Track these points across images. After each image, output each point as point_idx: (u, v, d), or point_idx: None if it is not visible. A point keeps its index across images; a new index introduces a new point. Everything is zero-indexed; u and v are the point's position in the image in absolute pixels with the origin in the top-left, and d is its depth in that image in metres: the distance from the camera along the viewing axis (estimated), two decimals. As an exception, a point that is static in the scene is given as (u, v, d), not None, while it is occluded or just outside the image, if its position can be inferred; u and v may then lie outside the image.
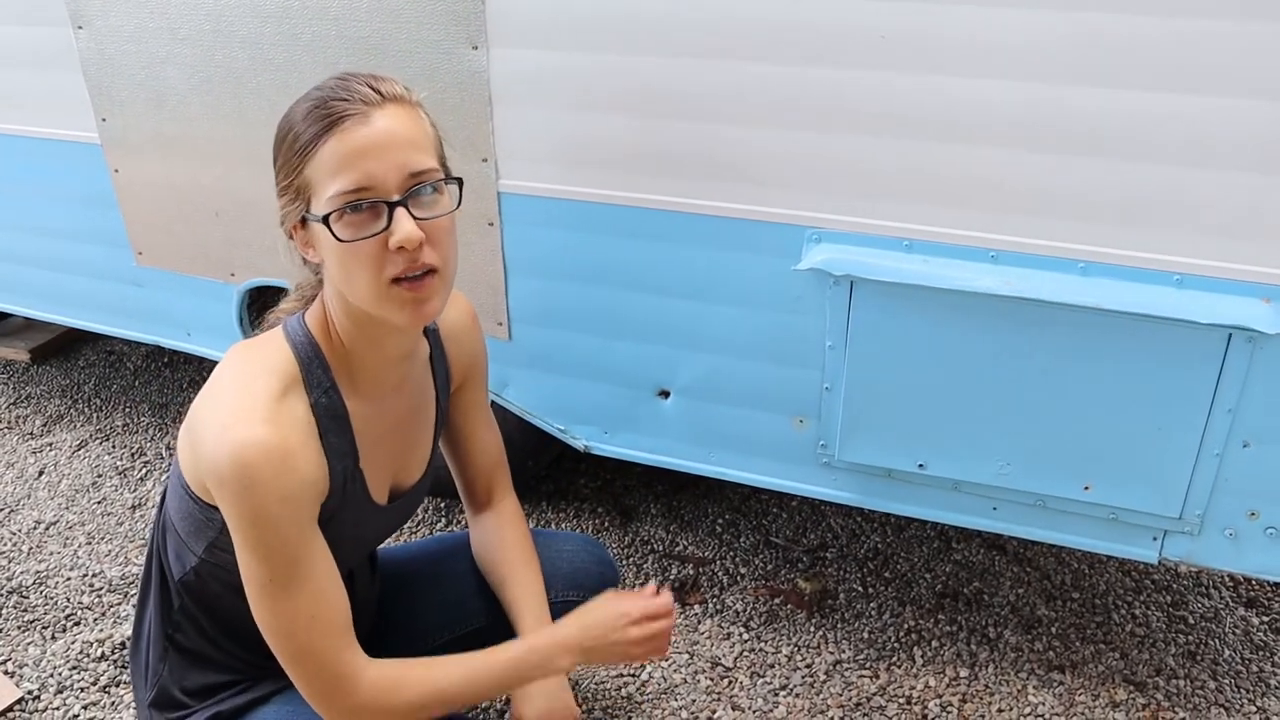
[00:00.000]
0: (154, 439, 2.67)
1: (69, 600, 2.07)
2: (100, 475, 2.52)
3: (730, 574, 2.13)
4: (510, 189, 1.70)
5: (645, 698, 1.80)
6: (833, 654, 1.90)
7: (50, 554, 2.22)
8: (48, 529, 2.31)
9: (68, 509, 2.39)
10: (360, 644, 1.46)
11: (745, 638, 1.94)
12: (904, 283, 1.47)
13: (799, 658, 1.89)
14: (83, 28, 1.96)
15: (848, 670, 1.86)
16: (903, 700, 1.79)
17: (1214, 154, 1.28)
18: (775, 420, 1.70)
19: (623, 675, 1.85)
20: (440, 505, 2.35)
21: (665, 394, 1.78)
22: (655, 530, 2.27)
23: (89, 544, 2.25)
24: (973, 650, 1.91)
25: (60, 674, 1.87)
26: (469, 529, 1.54)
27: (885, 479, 1.67)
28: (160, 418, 2.78)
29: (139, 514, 2.36)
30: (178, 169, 2.01)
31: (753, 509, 2.34)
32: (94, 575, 2.14)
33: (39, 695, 1.83)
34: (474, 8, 1.58)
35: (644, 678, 1.85)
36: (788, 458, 1.73)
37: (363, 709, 1.13)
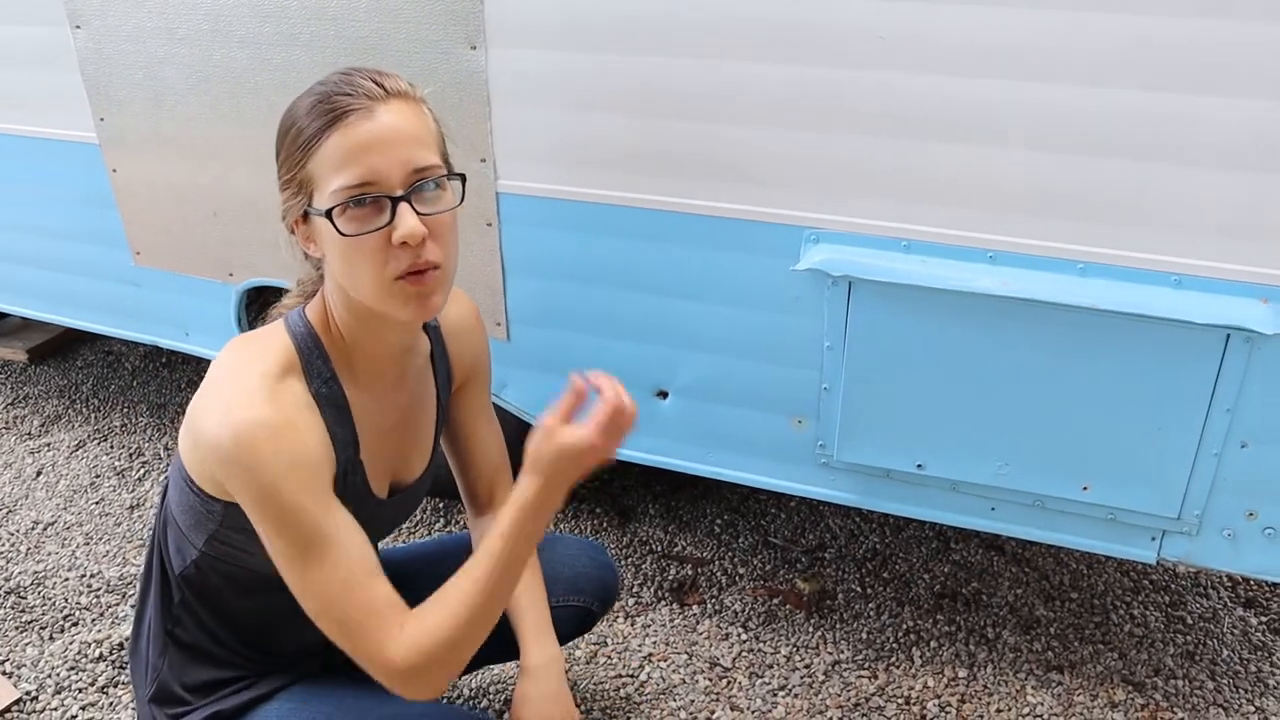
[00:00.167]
0: (152, 439, 2.67)
1: (67, 601, 2.06)
2: (98, 476, 2.51)
3: (729, 574, 2.13)
4: (509, 189, 1.70)
5: (644, 698, 1.80)
6: (831, 654, 1.90)
7: (48, 554, 2.22)
8: (46, 529, 2.31)
9: (66, 509, 2.38)
10: (348, 660, 1.45)
11: (744, 638, 1.94)
12: (902, 283, 1.47)
13: (798, 658, 1.89)
14: (80, 27, 1.96)
15: (846, 671, 1.86)
16: (901, 701, 1.79)
17: (1212, 154, 1.29)
18: (774, 420, 1.70)
19: (621, 676, 1.85)
20: (439, 506, 2.35)
21: (663, 394, 1.77)
22: (653, 530, 2.27)
23: (87, 544, 2.25)
24: (971, 650, 1.91)
25: (58, 675, 1.87)
26: (469, 530, 1.54)
27: (884, 479, 1.67)
28: (158, 418, 2.78)
29: (137, 514, 2.36)
30: (176, 169, 2.01)
31: (751, 509, 2.34)
32: (92, 576, 2.14)
33: (37, 696, 1.82)
34: (472, 7, 1.58)
35: (642, 678, 1.85)
36: (786, 458, 1.73)
37: (411, 671, 1.09)
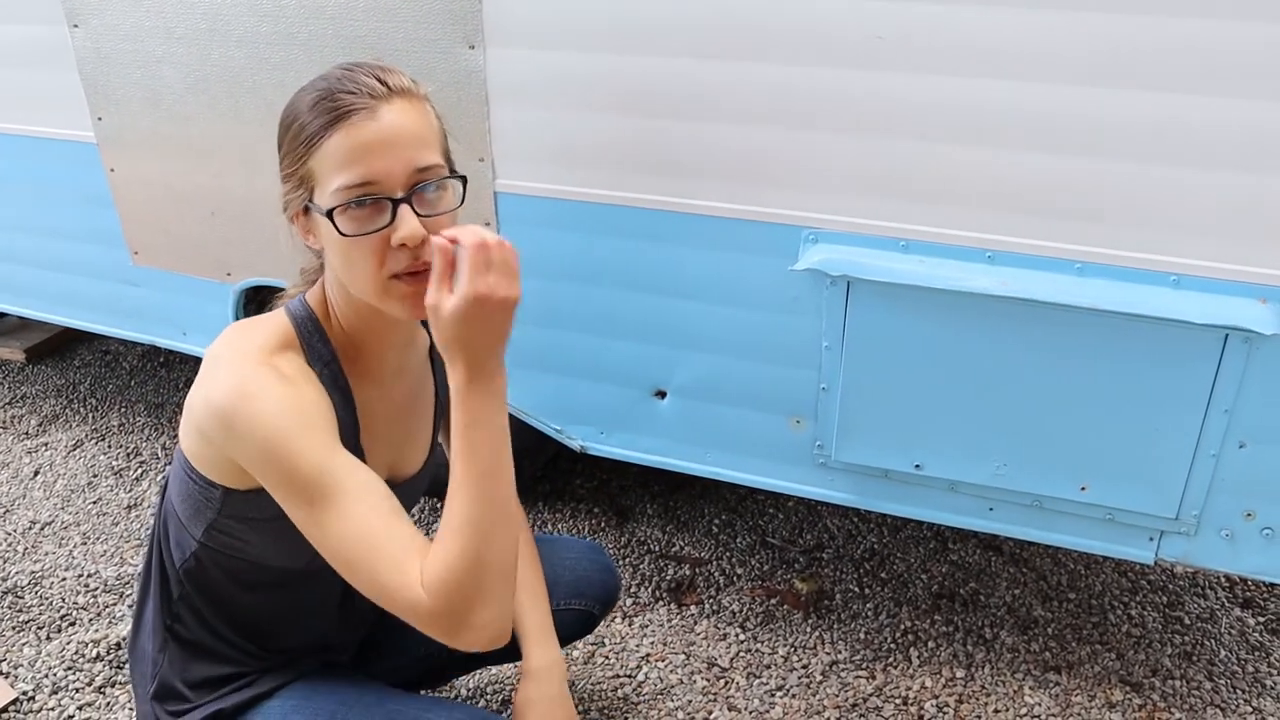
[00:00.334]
0: (150, 439, 2.67)
1: (64, 600, 2.06)
2: (96, 475, 2.51)
3: (727, 574, 2.12)
4: (507, 189, 1.70)
5: (641, 699, 1.80)
6: (829, 655, 1.90)
7: (46, 554, 2.22)
8: (43, 529, 2.31)
9: (63, 509, 2.38)
10: (354, 652, 1.44)
11: (742, 638, 1.94)
12: (900, 283, 1.47)
13: (795, 658, 1.89)
14: (78, 26, 1.96)
15: (844, 671, 1.86)
16: (899, 701, 1.79)
17: (1211, 155, 1.29)
18: (772, 421, 1.70)
19: (619, 677, 1.85)
20: (437, 506, 2.35)
21: (662, 394, 1.77)
22: (651, 531, 2.27)
23: (84, 544, 2.25)
24: (969, 651, 1.91)
25: (55, 674, 1.86)
26: None
27: (882, 479, 1.67)
28: (156, 418, 2.78)
29: (134, 514, 2.35)
30: (174, 168, 2.01)
31: (749, 509, 2.34)
32: (89, 575, 2.14)
33: (34, 696, 1.82)
34: (471, 7, 1.58)
35: (640, 679, 1.85)
36: (784, 458, 1.72)
37: (443, 609, 1.03)
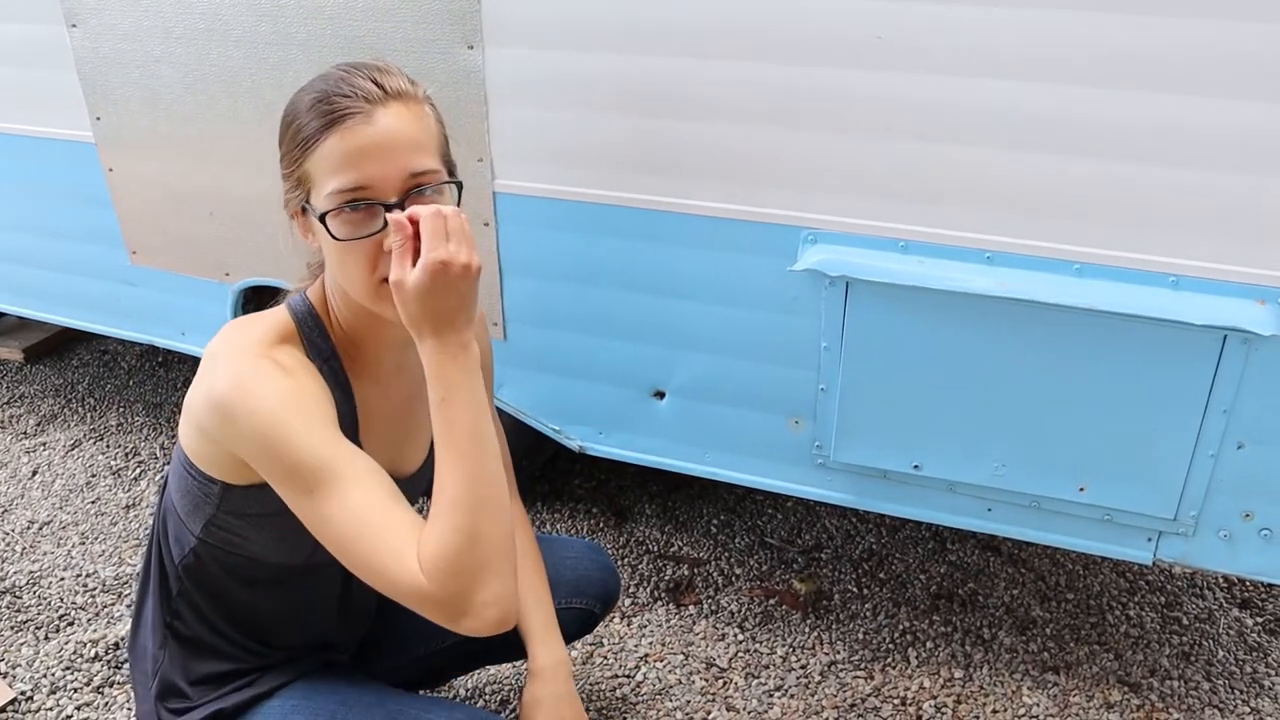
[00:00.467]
0: (148, 439, 2.67)
1: (62, 600, 2.06)
2: (94, 475, 2.51)
3: (725, 575, 2.12)
4: (505, 189, 1.70)
5: (640, 699, 1.80)
6: (827, 655, 1.90)
7: (44, 554, 2.21)
8: (41, 529, 2.30)
9: (61, 509, 2.38)
10: (354, 652, 1.44)
11: (740, 638, 1.94)
12: (899, 284, 1.47)
13: (794, 659, 1.89)
14: (77, 26, 1.96)
15: (842, 671, 1.86)
16: (897, 701, 1.79)
17: (1210, 156, 1.29)
18: (771, 421, 1.70)
19: (618, 677, 1.85)
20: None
21: (660, 394, 1.77)
22: (650, 531, 2.27)
23: (83, 544, 2.25)
24: (967, 651, 1.91)
25: (53, 674, 1.86)
26: None
27: (880, 480, 1.67)
28: (154, 417, 2.78)
29: (133, 514, 2.35)
30: (172, 168, 2.01)
31: (747, 509, 2.34)
32: (88, 575, 2.13)
33: (32, 696, 1.82)
34: (469, 7, 1.58)
35: (639, 679, 1.85)
36: (783, 458, 1.72)
37: (442, 592, 1.01)
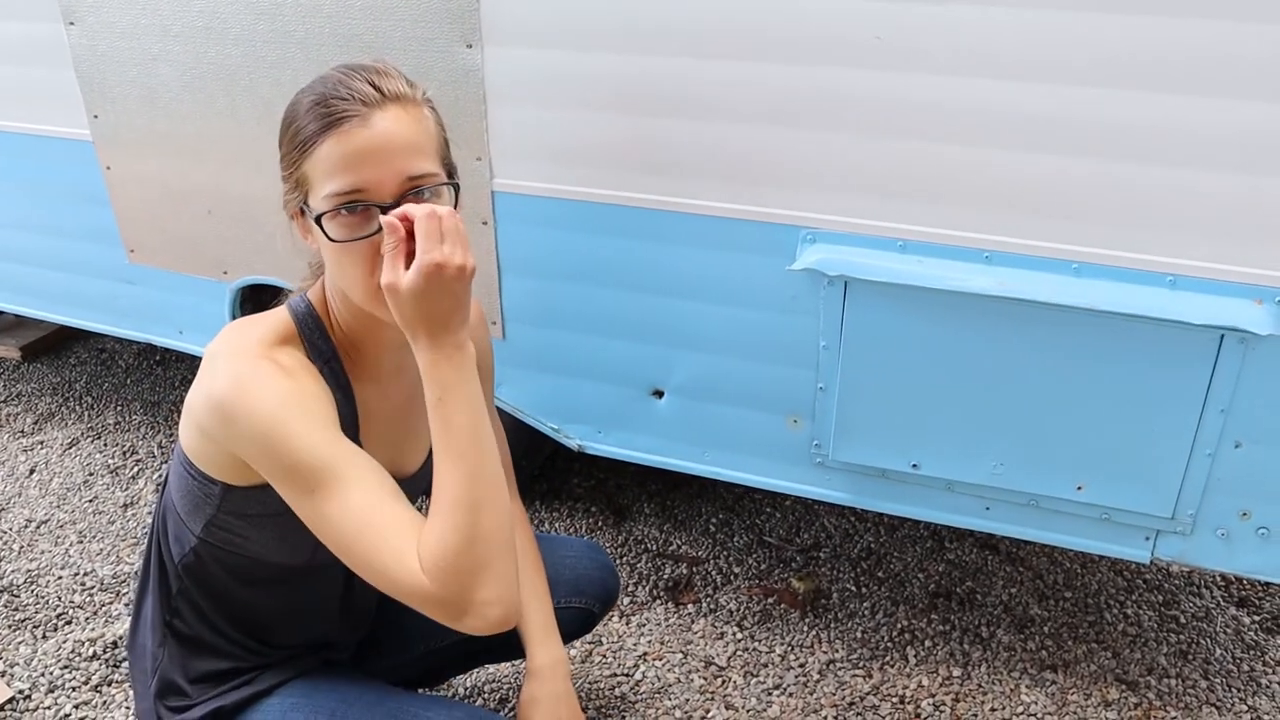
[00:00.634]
0: (146, 437, 2.66)
1: (60, 599, 2.06)
2: (92, 474, 2.51)
3: (724, 573, 2.13)
4: (504, 188, 1.70)
5: (639, 697, 1.80)
6: (826, 653, 1.90)
7: (41, 552, 2.21)
8: (39, 527, 2.30)
9: (59, 507, 2.38)
10: (354, 651, 1.44)
11: (739, 637, 1.95)
12: (898, 283, 1.48)
13: (792, 657, 1.90)
14: (74, 24, 1.95)
15: (841, 670, 1.86)
16: (896, 700, 1.79)
17: (1208, 155, 1.29)
18: (769, 420, 1.70)
19: (616, 675, 1.85)
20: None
21: (659, 393, 1.77)
22: (649, 530, 2.27)
23: (80, 543, 2.24)
24: (965, 650, 1.91)
25: (51, 673, 1.86)
26: None
27: (879, 479, 1.67)
28: (152, 416, 2.77)
29: (131, 512, 2.35)
30: (170, 166, 2.00)
31: (746, 508, 2.35)
32: (86, 574, 2.13)
33: (30, 695, 1.82)
34: (468, 6, 1.58)
35: (637, 677, 1.85)
36: (782, 457, 1.73)
37: (443, 591, 1.01)
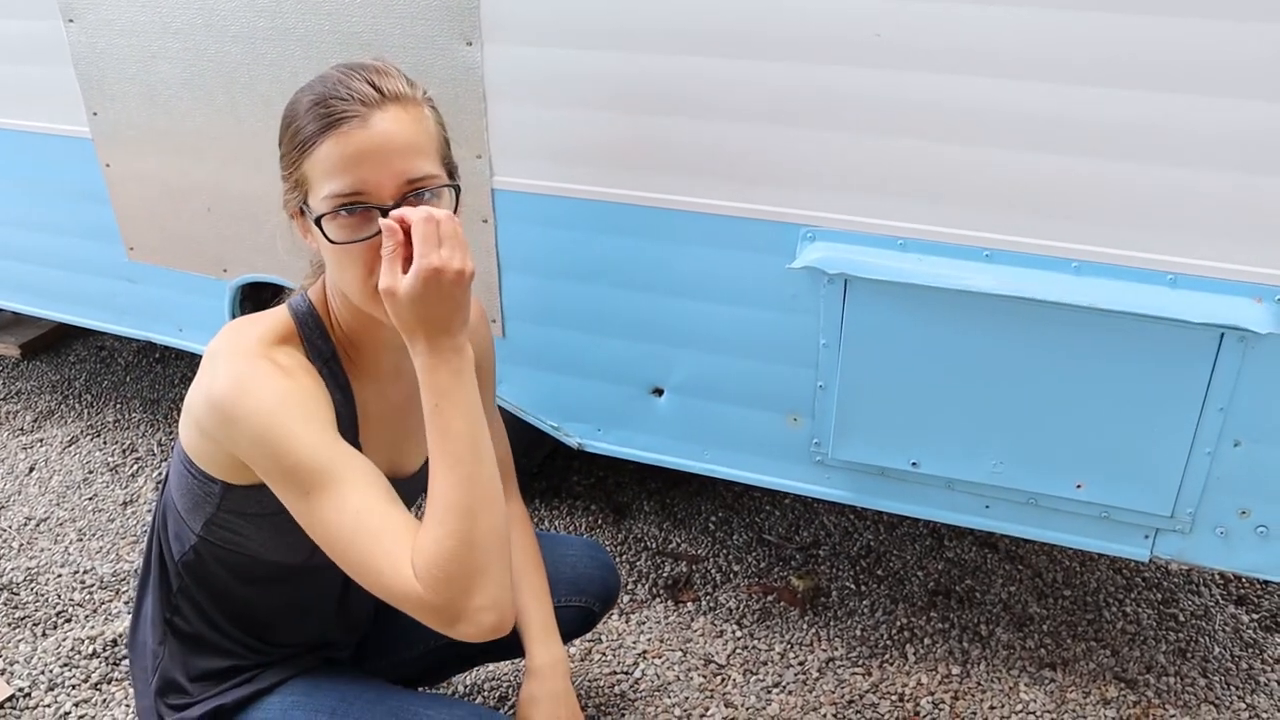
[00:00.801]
0: (145, 435, 2.66)
1: (60, 597, 2.06)
2: (91, 471, 2.51)
3: (723, 571, 2.13)
4: (504, 186, 1.70)
5: (638, 695, 1.81)
6: (825, 651, 1.91)
7: (41, 550, 2.21)
8: (38, 525, 2.30)
9: (58, 505, 2.38)
10: (352, 652, 1.44)
11: (738, 635, 1.95)
12: (898, 281, 1.48)
13: (792, 655, 1.90)
14: (74, 21, 1.95)
15: (840, 667, 1.87)
16: (895, 698, 1.80)
17: (1208, 154, 1.29)
18: (769, 418, 1.70)
19: (616, 673, 1.86)
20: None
21: (659, 392, 1.77)
22: (648, 528, 2.27)
23: (80, 540, 2.24)
24: (965, 648, 1.92)
25: (51, 671, 1.86)
26: None
27: (879, 477, 1.67)
28: (152, 414, 2.77)
29: (130, 510, 2.35)
30: (170, 164, 2.00)
31: (745, 506, 2.35)
32: (85, 572, 2.13)
33: (30, 693, 1.82)
34: (469, 3, 1.58)
35: (637, 675, 1.85)
36: (782, 456, 1.73)
37: (434, 597, 1.01)
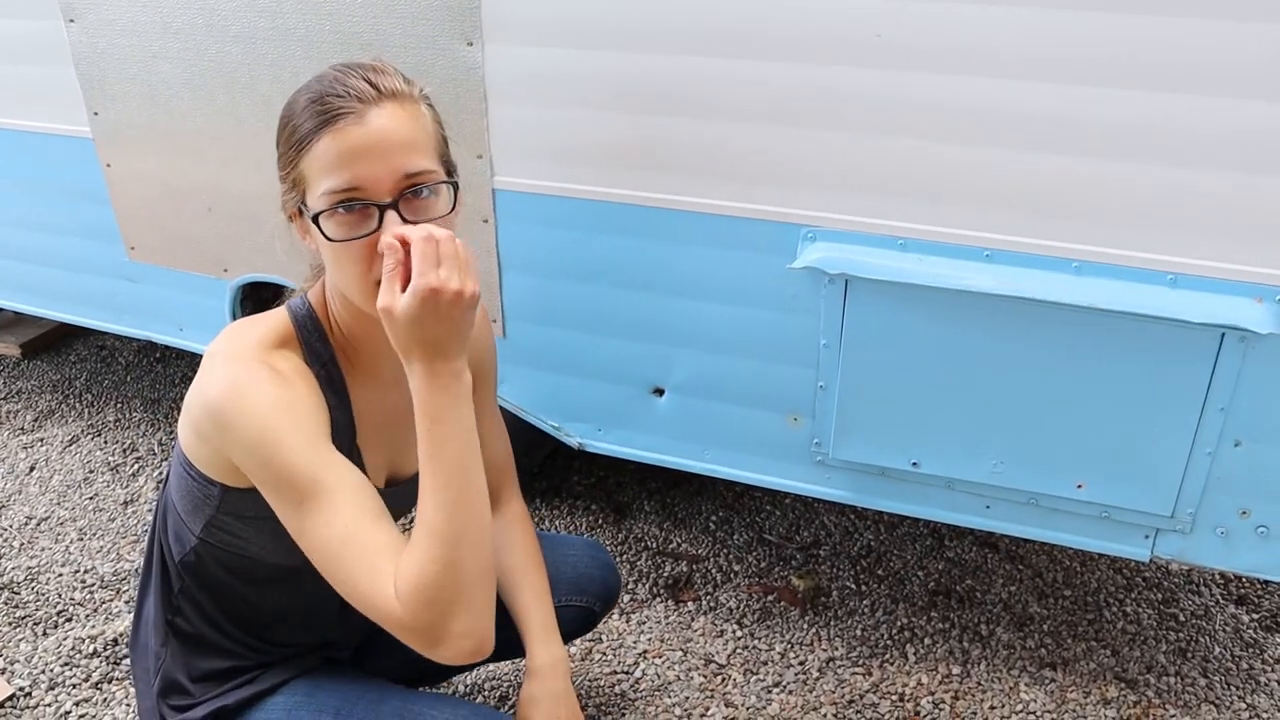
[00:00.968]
0: (146, 434, 2.66)
1: (61, 596, 2.06)
2: (92, 471, 2.51)
3: (724, 571, 2.13)
4: (505, 186, 1.70)
5: (639, 695, 1.81)
6: (826, 651, 1.91)
7: (42, 550, 2.21)
8: (39, 525, 2.30)
9: (59, 504, 2.38)
10: (352, 652, 1.44)
11: (738, 635, 1.95)
12: (899, 281, 1.48)
13: (792, 655, 1.90)
14: (74, 21, 1.95)
15: (840, 667, 1.87)
16: (895, 697, 1.80)
17: (1208, 154, 1.29)
18: (770, 418, 1.70)
19: (616, 673, 1.86)
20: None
21: (659, 391, 1.77)
22: (649, 527, 2.27)
23: (81, 540, 2.25)
24: (965, 647, 1.92)
25: (52, 670, 1.86)
26: None
27: (879, 477, 1.67)
28: (152, 413, 2.77)
29: (131, 510, 2.35)
30: (170, 164, 2.00)
31: (746, 506, 2.35)
32: (86, 571, 2.13)
33: (30, 692, 1.82)
34: (469, 3, 1.58)
35: (637, 675, 1.85)
36: (782, 456, 1.73)
37: (413, 618, 1.00)
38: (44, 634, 1.96)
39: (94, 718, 1.77)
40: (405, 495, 1.38)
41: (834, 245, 1.52)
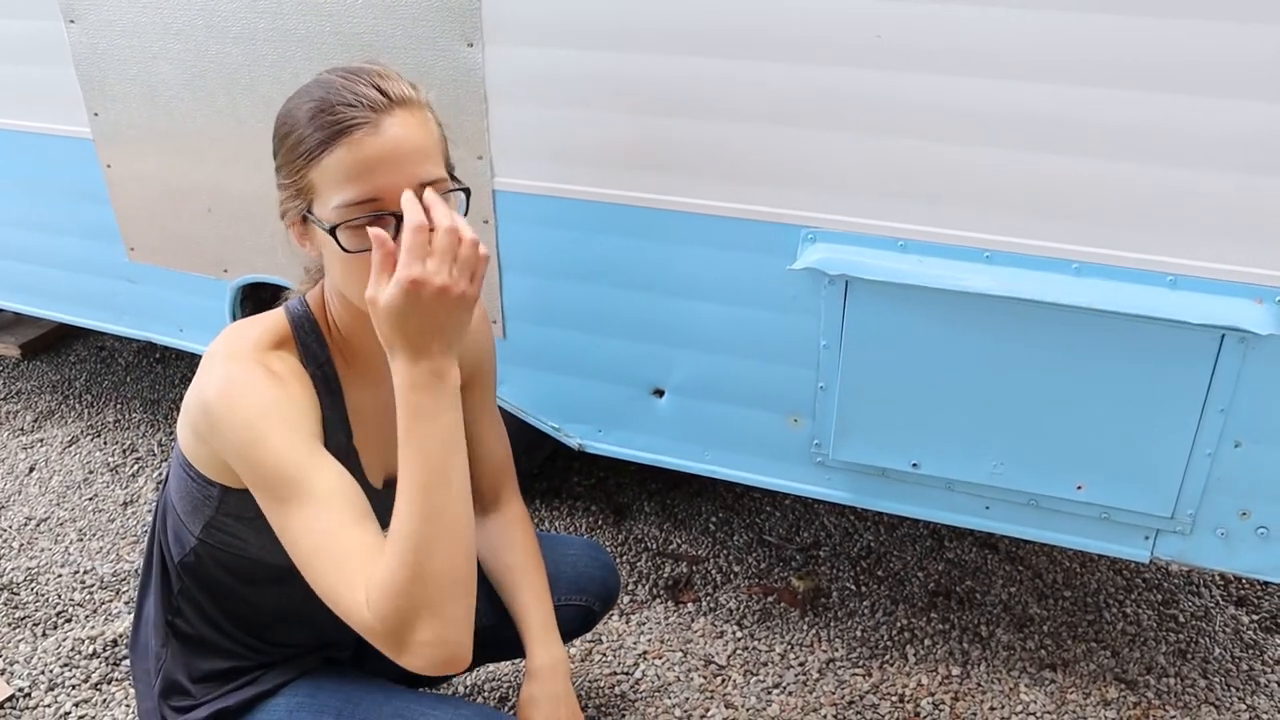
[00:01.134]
0: (146, 435, 2.66)
1: (60, 597, 2.06)
2: (91, 471, 2.51)
3: (724, 572, 2.13)
4: (505, 186, 1.70)
5: (639, 696, 1.81)
6: (825, 652, 1.91)
7: (41, 550, 2.21)
8: (39, 525, 2.30)
9: (59, 505, 2.38)
10: (353, 652, 1.44)
11: (738, 636, 1.95)
12: (899, 282, 1.48)
13: (792, 656, 1.90)
14: (75, 21, 1.95)
15: (840, 668, 1.87)
16: (895, 698, 1.80)
17: (1208, 155, 1.29)
18: (770, 419, 1.70)
19: (616, 674, 1.86)
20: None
21: (659, 392, 1.77)
22: (649, 528, 2.27)
23: (80, 540, 2.24)
24: (965, 648, 1.92)
25: (51, 671, 1.86)
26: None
27: (879, 478, 1.67)
28: (152, 414, 2.77)
29: (130, 510, 2.35)
30: (170, 164, 2.00)
31: (746, 507, 2.35)
32: (85, 572, 2.13)
33: (30, 693, 1.82)
34: (470, 4, 1.58)
35: (637, 676, 1.85)
36: (782, 456, 1.73)
37: (383, 624, 0.98)
38: (43, 635, 1.96)
39: (93, 718, 1.77)
40: None
41: (834, 246, 1.52)
